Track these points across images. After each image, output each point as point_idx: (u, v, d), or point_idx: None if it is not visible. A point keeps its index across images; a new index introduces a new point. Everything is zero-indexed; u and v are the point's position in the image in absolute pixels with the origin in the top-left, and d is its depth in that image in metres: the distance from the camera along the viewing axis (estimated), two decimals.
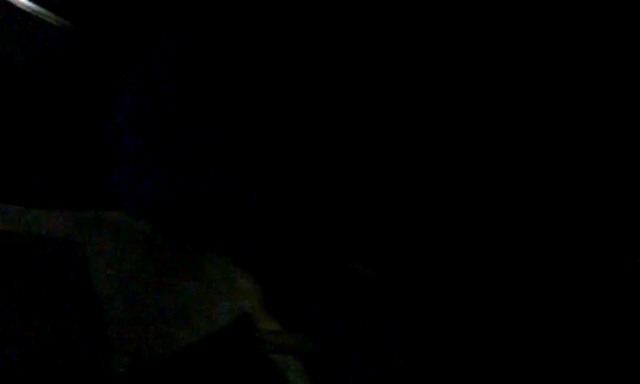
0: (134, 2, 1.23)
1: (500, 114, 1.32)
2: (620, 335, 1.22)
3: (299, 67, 1.23)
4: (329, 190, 1.23)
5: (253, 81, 1.01)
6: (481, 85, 1.31)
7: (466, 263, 1.26)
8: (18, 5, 1.15)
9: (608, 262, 1.26)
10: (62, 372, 0.70)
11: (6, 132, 1.10)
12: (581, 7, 1.23)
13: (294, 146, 1.20)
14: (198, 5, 1.22)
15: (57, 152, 1.11)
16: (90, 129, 1.14)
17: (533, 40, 1.27)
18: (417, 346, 1.14)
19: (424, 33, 1.27)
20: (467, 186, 1.29)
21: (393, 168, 1.30)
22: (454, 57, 1.30)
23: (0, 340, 0.70)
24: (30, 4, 1.17)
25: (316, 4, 1.23)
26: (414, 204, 1.29)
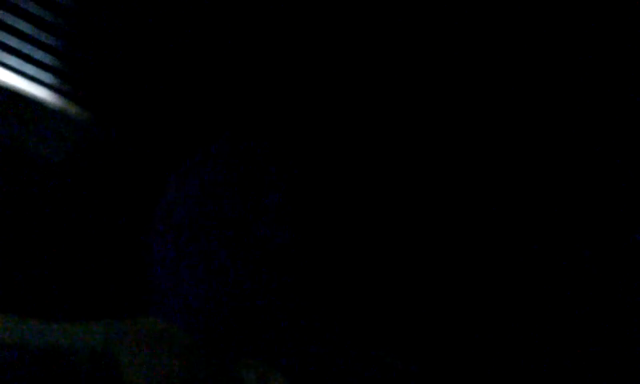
0: (178, 111, 1.24)
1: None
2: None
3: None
4: (365, 285, 1.24)
5: (294, 196, 1.03)
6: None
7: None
8: (48, 103, 1.17)
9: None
10: None
11: (34, 236, 1.09)
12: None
13: (330, 246, 1.21)
14: (248, 115, 1.23)
15: (88, 258, 1.11)
16: (124, 233, 1.15)
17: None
18: None
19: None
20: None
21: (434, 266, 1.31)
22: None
23: None
24: (52, 98, 1.19)
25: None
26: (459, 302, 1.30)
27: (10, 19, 1.15)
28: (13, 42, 1.16)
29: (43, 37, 1.18)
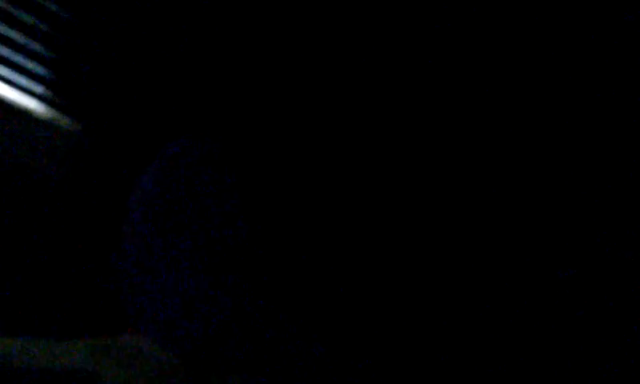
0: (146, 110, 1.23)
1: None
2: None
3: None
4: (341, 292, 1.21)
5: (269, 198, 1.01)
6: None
7: None
8: (37, 114, 1.15)
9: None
10: None
11: (18, 250, 1.07)
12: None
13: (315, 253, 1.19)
14: (211, 117, 1.22)
15: (65, 270, 1.08)
16: (101, 243, 1.12)
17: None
18: None
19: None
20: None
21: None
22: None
23: None
24: (43, 109, 1.17)
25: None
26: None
27: (1, 28, 1.13)
28: (3, 51, 1.14)
29: (35, 47, 1.17)
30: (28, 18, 1.15)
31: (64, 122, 1.17)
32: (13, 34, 1.15)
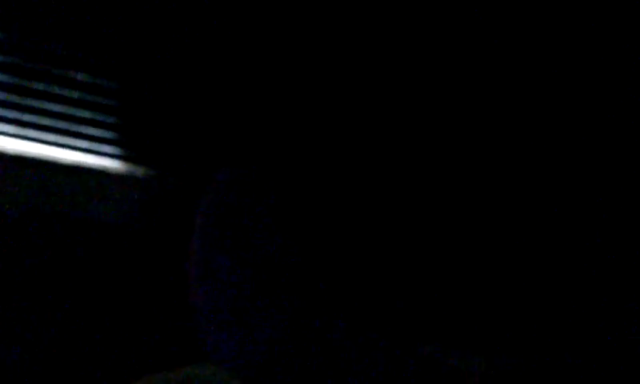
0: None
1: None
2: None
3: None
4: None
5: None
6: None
7: None
8: (109, 170, 1.26)
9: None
10: None
11: (99, 296, 1.17)
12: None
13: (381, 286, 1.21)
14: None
15: (144, 310, 1.17)
16: (177, 283, 1.20)
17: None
18: None
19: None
20: None
21: None
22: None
23: None
24: (116, 166, 1.28)
25: None
26: None
27: (74, 110, 1.28)
28: (74, 127, 1.29)
29: (99, 117, 1.30)
30: (90, 97, 1.30)
31: (130, 170, 1.28)
32: (81, 112, 1.29)
